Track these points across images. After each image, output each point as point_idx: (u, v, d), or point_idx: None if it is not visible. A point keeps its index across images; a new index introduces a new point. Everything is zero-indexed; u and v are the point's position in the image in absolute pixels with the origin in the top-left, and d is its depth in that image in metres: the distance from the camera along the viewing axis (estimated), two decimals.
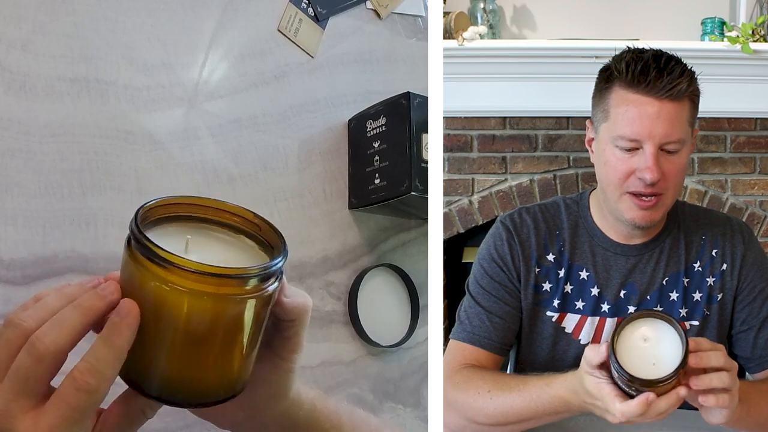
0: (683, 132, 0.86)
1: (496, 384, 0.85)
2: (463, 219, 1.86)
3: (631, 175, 0.86)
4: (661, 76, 0.83)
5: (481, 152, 1.86)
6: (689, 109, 0.87)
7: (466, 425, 0.87)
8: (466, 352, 0.92)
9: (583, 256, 0.95)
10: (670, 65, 0.84)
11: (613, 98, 0.87)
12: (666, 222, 0.95)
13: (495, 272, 0.95)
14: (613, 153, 0.88)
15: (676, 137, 0.85)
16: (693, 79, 0.85)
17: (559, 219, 0.97)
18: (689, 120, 0.87)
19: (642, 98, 0.84)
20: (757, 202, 1.85)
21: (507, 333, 0.94)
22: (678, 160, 0.87)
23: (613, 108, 0.87)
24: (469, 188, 1.86)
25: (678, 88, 0.83)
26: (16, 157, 0.90)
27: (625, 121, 0.86)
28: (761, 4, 1.81)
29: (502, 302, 0.94)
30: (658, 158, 0.85)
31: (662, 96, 0.83)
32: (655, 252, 0.94)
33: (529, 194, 1.86)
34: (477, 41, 1.74)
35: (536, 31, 1.93)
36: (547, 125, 1.85)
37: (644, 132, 0.84)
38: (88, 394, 0.49)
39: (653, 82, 0.83)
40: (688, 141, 0.88)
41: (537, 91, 1.79)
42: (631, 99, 0.85)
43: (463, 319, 0.95)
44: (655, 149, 0.85)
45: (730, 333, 0.96)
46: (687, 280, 0.94)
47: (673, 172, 0.87)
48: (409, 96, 1.06)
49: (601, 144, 0.90)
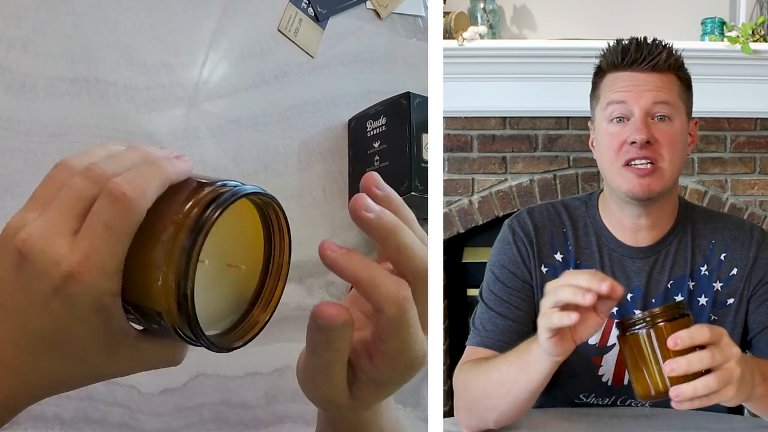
0: (672, 98, 0.90)
1: (491, 360, 0.87)
2: (463, 219, 1.86)
3: (624, 144, 0.89)
4: (641, 49, 0.89)
5: (481, 152, 1.86)
6: (677, 84, 0.91)
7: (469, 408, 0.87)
8: (480, 354, 0.92)
9: (591, 257, 0.95)
10: (649, 42, 0.91)
11: (604, 82, 0.93)
12: (674, 224, 0.95)
13: (505, 277, 0.95)
14: (607, 130, 0.91)
15: (663, 99, 0.89)
16: (673, 53, 0.91)
17: (566, 218, 0.97)
18: (680, 95, 0.91)
19: (628, 73, 0.90)
20: (757, 202, 1.85)
21: (521, 336, 0.93)
22: (670, 128, 0.89)
23: (603, 89, 0.93)
24: (469, 188, 1.86)
25: (658, 58, 0.89)
26: (16, 157, 0.90)
27: (613, 90, 0.91)
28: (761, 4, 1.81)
29: (513, 306, 0.94)
30: (647, 122, 0.89)
31: (645, 68, 0.89)
32: (661, 254, 0.94)
33: (529, 194, 1.86)
34: (477, 41, 1.75)
35: (536, 31, 1.93)
36: (547, 125, 1.85)
37: (631, 96, 0.89)
38: (125, 207, 0.44)
39: (634, 55, 0.89)
40: (681, 113, 0.91)
41: (537, 91, 1.80)
42: (618, 76, 0.91)
43: (477, 325, 0.95)
44: (643, 113, 0.89)
45: (747, 338, 0.95)
46: (692, 283, 0.94)
47: (666, 139, 0.89)
48: (409, 96, 1.06)
49: (597, 128, 0.94)
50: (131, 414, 0.92)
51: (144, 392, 0.93)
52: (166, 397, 0.95)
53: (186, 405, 0.96)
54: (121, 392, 0.92)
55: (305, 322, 0.51)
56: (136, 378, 0.93)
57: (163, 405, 0.94)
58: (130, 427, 0.92)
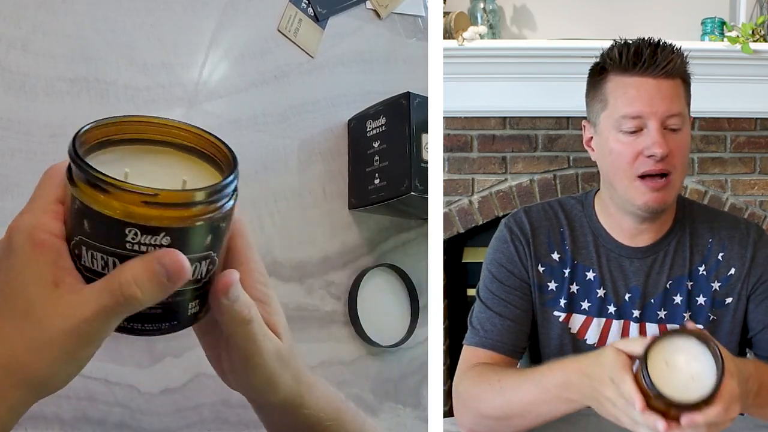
0: (682, 108, 0.88)
1: (506, 375, 0.85)
2: (463, 219, 1.86)
3: (639, 156, 0.87)
4: (656, 54, 0.86)
5: (481, 152, 1.86)
6: (683, 89, 0.89)
7: (479, 421, 0.86)
8: (479, 356, 0.92)
9: (588, 257, 0.95)
10: (661, 44, 0.87)
11: (610, 86, 0.89)
12: (672, 224, 0.94)
13: (503, 276, 0.95)
14: (617, 139, 0.89)
15: (677, 111, 0.87)
16: (683, 57, 0.89)
17: (563, 218, 0.96)
18: (686, 99, 0.89)
19: (639, 79, 0.87)
20: (757, 202, 1.85)
21: (519, 335, 0.93)
22: (681, 138, 0.88)
23: (611, 94, 0.89)
24: (469, 188, 1.86)
25: (672, 64, 0.86)
26: (16, 157, 0.90)
27: (625, 102, 0.88)
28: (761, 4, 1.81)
29: (511, 305, 0.94)
30: (664, 134, 0.87)
31: (658, 74, 0.86)
32: (660, 255, 0.94)
33: (529, 194, 1.86)
34: (477, 41, 1.75)
35: (536, 31, 1.93)
36: (547, 125, 1.85)
37: (646, 109, 0.86)
38: (128, 300, 0.48)
39: (648, 61, 0.86)
40: (687, 120, 0.90)
41: (537, 91, 1.80)
42: (628, 82, 0.88)
43: (474, 324, 0.94)
44: (659, 125, 0.86)
45: (747, 336, 0.94)
46: (691, 283, 0.94)
47: (678, 149, 0.88)
48: (409, 96, 1.06)
49: (603, 134, 0.91)
50: (131, 414, 0.92)
51: (144, 392, 0.93)
52: (166, 397, 0.95)
53: (186, 405, 0.96)
54: (121, 392, 0.92)
55: (305, 322, 0.52)
56: (136, 378, 0.93)
57: (163, 405, 0.94)
58: (130, 427, 0.92)
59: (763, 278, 0.93)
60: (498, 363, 0.91)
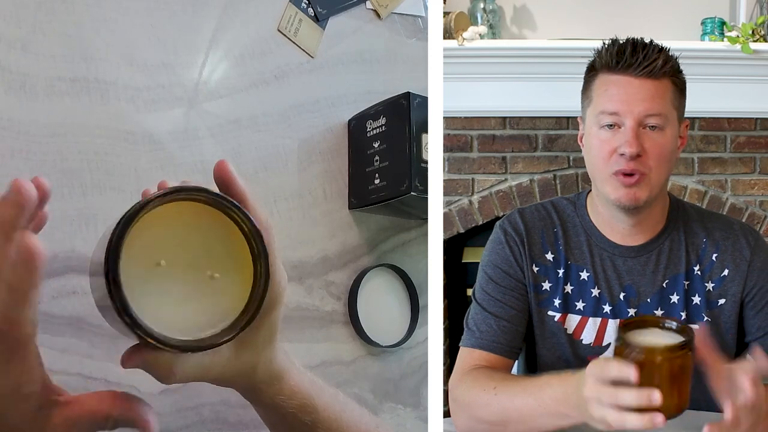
0: (665, 109, 0.88)
1: (502, 382, 0.85)
2: (463, 219, 1.86)
3: (613, 153, 0.88)
4: (636, 53, 0.87)
5: (481, 152, 1.86)
6: (671, 90, 0.89)
7: (474, 426, 0.86)
8: (475, 357, 0.92)
9: (582, 257, 0.95)
10: (645, 45, 0.88)
11: (596, 83, 0.91)
12: (666, 223, 0.95)
13: (499, 277, 0.95)
14: (598, 135, 0.90)
15: (656, 111, 0.87)
16: (670, 57, 0.88)
17: (556, 218, 0.97)
18: (673, 102, 0.89)
19: (622, 78, 0.88)
20: (757, 202, 1.85)
21: (515, 336, 0.94)
22: (661, 139, 0.88)
23: (596, 91, 0.91)
24: (469, 188, 1.86)
25: (654, 64, 0.86)
26: (16, 157, 0.90)
27: (606, 98, 0.89)
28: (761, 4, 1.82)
29: (507, 306, 0.94)
30: (638, 133, 0.87)
31: (640, 74, 0.87)
32: (653, 254, 0.94)
33: (529, 194, 1.86)
34: (477, 41, 1.75)
35: (536, 31, 1.93)
36: (547, 125, 1.85)
37: (623, 107, 0.87)
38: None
39: (629, 59, 0.87)
40: (672, 121, 0.89)
41: (537, 91, 1.80)
42: (611, 80, 0.89)
43: (471, 326, 0.95)
44: (635, 124, 0.87)
45: (744, 341, 0.94)
46: (687, 282, 0.94)
47: (655, 150, 0.88)
48: (409, 96, 1.06)
49: (587, 130, 0.93)
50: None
51: (144, 392, 0.93)
52: (166, 397, 0.95)
53: (186, 405, 0.96)
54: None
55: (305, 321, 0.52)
56: (136, 378, 0.93)
57: (163, 405, 0.94)
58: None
59: (760, 284, 0.93)
60: (494, 364, 0.92)
